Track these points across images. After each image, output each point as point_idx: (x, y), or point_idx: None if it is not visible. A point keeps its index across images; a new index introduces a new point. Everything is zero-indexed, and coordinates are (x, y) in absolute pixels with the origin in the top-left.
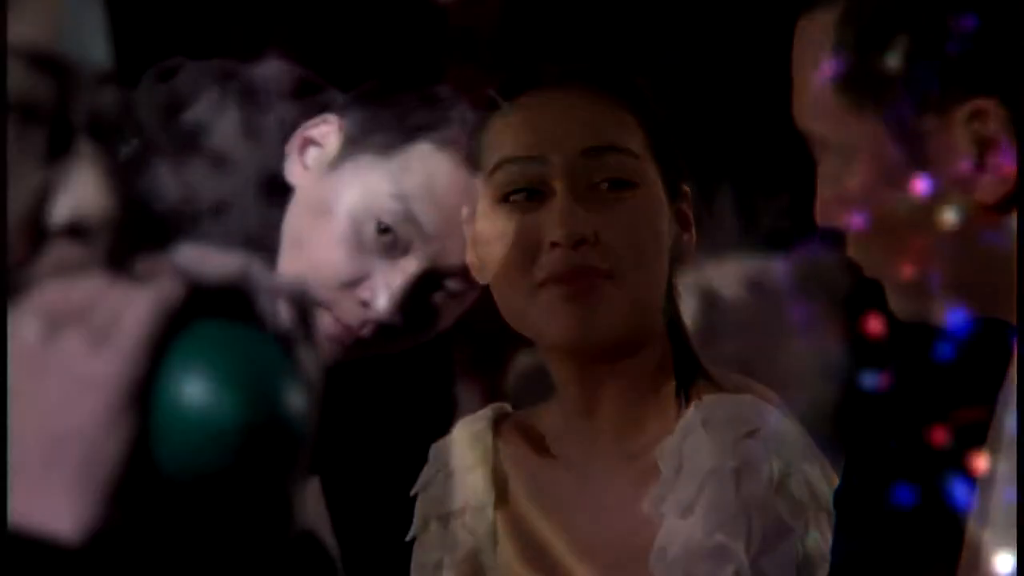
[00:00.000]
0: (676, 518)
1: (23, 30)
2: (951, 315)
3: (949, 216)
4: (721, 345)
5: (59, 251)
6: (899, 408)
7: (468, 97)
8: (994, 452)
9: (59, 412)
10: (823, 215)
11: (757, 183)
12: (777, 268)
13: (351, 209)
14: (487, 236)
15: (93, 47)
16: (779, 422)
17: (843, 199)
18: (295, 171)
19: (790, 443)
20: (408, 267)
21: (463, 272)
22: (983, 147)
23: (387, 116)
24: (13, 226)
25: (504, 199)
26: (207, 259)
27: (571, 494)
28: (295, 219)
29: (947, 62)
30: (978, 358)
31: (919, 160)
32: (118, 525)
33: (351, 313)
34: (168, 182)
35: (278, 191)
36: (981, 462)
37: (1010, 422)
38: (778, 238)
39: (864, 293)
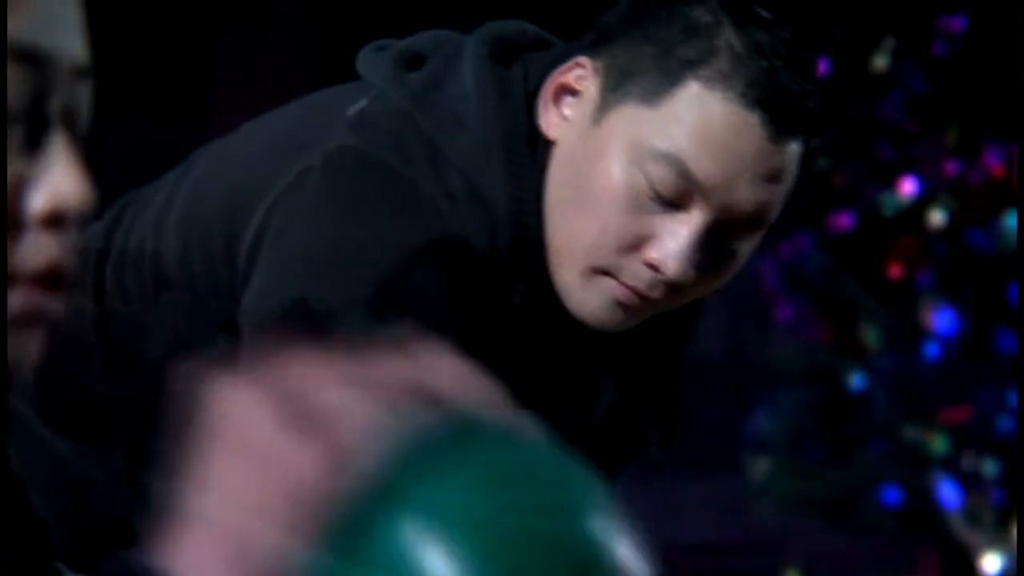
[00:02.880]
0: None
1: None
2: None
3: None
4: None
5: (36, 242)
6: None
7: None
8: None
9: None
10: None
11: None
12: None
13: (622, 167)
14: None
15: (69, 40)
16: None
17: None
18: (553, 123)
19: None
20: (693, 221)
21: (751, 218)
22: None
23: (647, 54)
24: None
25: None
26: None
27: None
28: (562, 176)
29: None
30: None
31: None
32: None
33: (639, 277)
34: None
35: (532, 146)
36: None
37: None
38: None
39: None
